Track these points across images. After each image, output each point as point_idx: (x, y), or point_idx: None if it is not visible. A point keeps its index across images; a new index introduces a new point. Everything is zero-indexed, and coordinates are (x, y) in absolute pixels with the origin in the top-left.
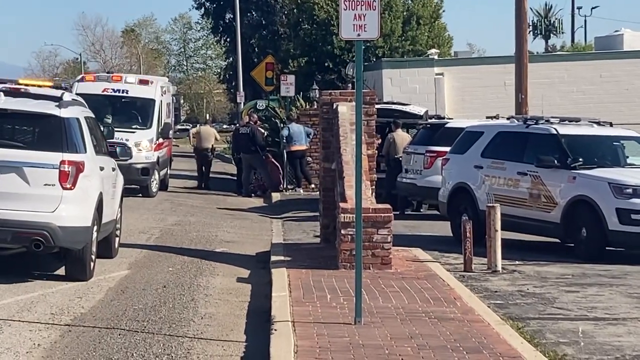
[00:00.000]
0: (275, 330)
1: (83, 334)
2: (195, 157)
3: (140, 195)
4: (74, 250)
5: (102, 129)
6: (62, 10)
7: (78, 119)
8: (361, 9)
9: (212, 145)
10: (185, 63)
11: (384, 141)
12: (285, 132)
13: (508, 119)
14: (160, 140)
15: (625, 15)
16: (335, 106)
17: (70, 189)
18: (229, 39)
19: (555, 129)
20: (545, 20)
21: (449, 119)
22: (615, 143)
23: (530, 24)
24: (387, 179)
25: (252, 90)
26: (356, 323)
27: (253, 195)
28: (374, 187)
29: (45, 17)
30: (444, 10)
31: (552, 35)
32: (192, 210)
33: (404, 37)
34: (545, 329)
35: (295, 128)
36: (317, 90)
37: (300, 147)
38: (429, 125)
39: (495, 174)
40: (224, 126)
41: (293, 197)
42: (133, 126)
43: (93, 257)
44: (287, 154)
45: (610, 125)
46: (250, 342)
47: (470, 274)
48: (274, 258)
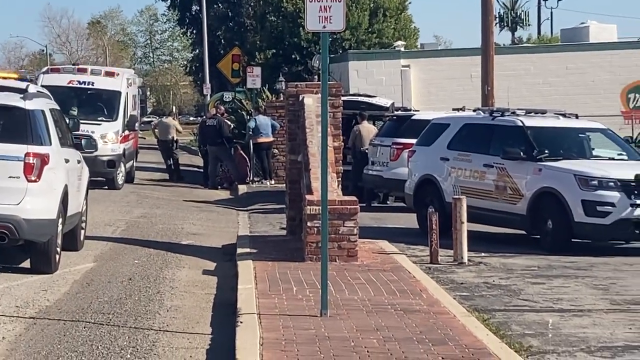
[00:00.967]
0: (241, 322)
1: (48, 327)
2: (160, 149)
3: (106, 187)
4: (39, 242)
5: (67, 121)
6: (28, 2)
7: (43, 111)
8: (327, 1)
9: (174, 136)
10: (151, 55)
11: (350, 133)
12: (251, 124)
13: (474, 111)
14: (127, 132)
15: (592, 7)
16: (301, 98)
17: (35, 181)
18: (195, 31)
19: (521, 121)
20: (512, 12)
21: (415, 111)
22: (581, 135)
23: (497, 16)
24: (354, 171)
25: (218, 83)
26: (322, 315)
27: (219, 187)
28: (340, 179)
29: (10, 8)
30: (410, 2)
31: (518, 27)
32: (158, 202)
33: (370, 29)
34: (511, 320)
35: (262, 120)
36: (283, 82)
37: (266, 139)
38: (395, 117)
39: (461, 166)
40: (191, 118)
41: (260, 189)
42: (99, 118)
43: (58, 249)
44: (253, 145)
45: (576, 117)
46: (216, 335)
47: (436, 265)
48: (240, 250)
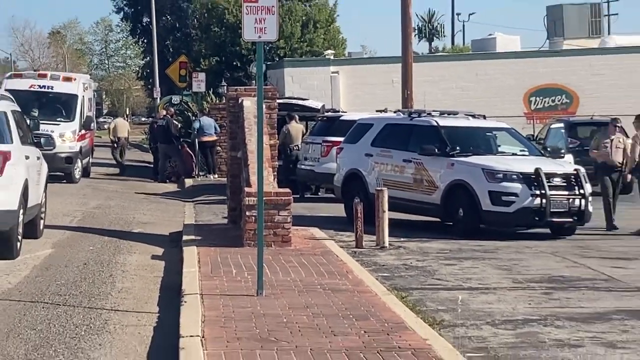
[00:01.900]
0: (185, 302)
1: (9, 307)
2: (113, 147)
3: (64, 181)
4: (2, 231)
5: (28, 121)
6: None
7: (5, 113)
8: (261, 14)
9: (126, 135)
10: (106, 62)
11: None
12: (196, 124)
13: (395, 112)
14: (83, 131)
15: (499, 21)
16: (240, 101)
17: None
18: (146, 40)
19: (435, 121)
20: (429, 24)
21: (343, 112)
22: (488, 134)
23: (416, 28)
24: (284, 166)
25: (167, 87)
26: (258, 295)
27: (168, 181)
28: (275, 173)
29: None
30: (338, 15)
31: (434, 38)
32: (112, 195)
33: (302, 39)
34: (426, 298)
35: (206, 121)
36: (225, 87)
37: (210, 138)
38: (325, 118)
39: (383, 161)
40: (142, 119)
41: (204, 182)
42: (57, 119)
43: (19, 237)
44: (198, 144)
45: (484, 117)
46: (162, 314)
47: (361, 250)
48: (185, 237)
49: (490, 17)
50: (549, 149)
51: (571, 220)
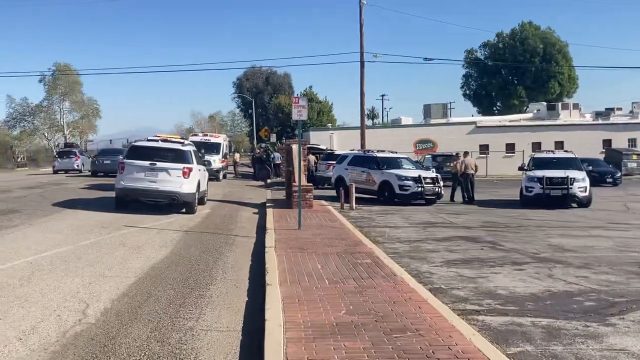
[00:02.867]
0: (267, 232)
1: (192, 235)
2: (234, 165)
3: (215, 180)
4: (188, 201)
5: (200, 154)
6: (186, 105)
7: (190, 151)
8: (300, 108)
9: (238, 159)
10: (233, 129)
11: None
12: (272, 156)
13: (358, 150)
14: (223, 159)
15: (403, 110)
16: (290, 146)
17: (186, 178)
18: (250, 120)
19: (375, 154)
20: (372, 111)
21: (335, 150)
22: (398, 160)
23: (368, 113)
24: (307, 174)
25: (259, 139)
26: (298, 229)
27: (260, 180)
28: (306, 177)
29: (180, 109)
30: (333, 108)
31: (375, 118)
32: (235, 187)
33: (317, 119)
34: (371, 231)
35: (276, 154)
36: (284, 140)
37: (278, 162)
38: (327, 153)
39: (353, 171)
40: (248, 153)
41: (275, 181)
42: (212, 154)
43: (196, 204)
44: (273, 164)
45: (396, 152)
46: (257, 237)
47: (343, 211)
48: (267, 204)
49: (399, 109)
50: (424, 166)
51: (434, 197)
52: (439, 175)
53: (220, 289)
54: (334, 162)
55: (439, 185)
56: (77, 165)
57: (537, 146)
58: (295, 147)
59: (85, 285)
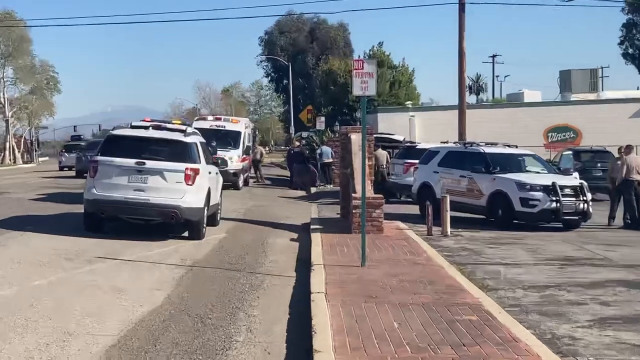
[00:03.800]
0: (313, 269)
1: (199, 272)
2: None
3: (232, 188)
4: (193, 221)
5: (210, 149)
6: (186, 79)
7: (196, 143)
8: (365, 77)
9: (260, 157)
10: (258, 110)
11: None
12: (319, 151)
13: (454, 143)
14: (244, 156)
15: (527, 80)
16: (349, 135)
17: (191, 185)
18: (284, 95)
19: (482, 149)
20: (477, 83)
21: (418, 143)
22: (519, 158)
23: (468, 85)
24: (375, 179)
25: (298, 126)
26: (362, 266)
27: (299, 188)
28: (372, 184)
29: (177, 82)
30: (415, 77)
31: (480, 92)
32: (263, 198)
33: (390, 93)
34: (477, 270)
35: (325, 149)
36: (338, 126)
37: (327, 160)
38: (405, 147)
39: (446, 176)
40: (282, 147)
41: (323, 190)
42: (228, 147)
43: (204, 225)
44: (320, 164)
45: (516, 147)
46: (298, 277)
47: (430, 237)
48: (312, 227)
49: (519, 78)
50: (561, 169)
51: (577, 217)
52: (584, 184)
53: (244, 356)
54: (416, 162)
55: (584, 198)
56: None
57: None
58: (355, 137)
59: (40, 349)
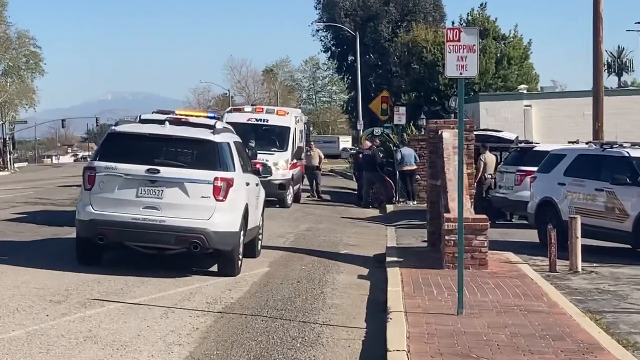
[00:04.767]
0: (391, 318)
1: (233, 320)
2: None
3: (277, 206)
4: (225, 250)
5: (247, 151)
6: (213, 54)
7: (229, 143)
8: (463, 52)
9: (319, 164)
10: (314, 97)
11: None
12: (398, 155)
13: (586, 143)
14: (294, 161)
15: None
16: (440, 132)
17: (222, 200)
18: (350, 77)
19: (627, 152)
20: (618, 60)
21: (536, 143)
22: None
23: (605, 63)
24: (476, 193)
25: (369, 119)
26: (458, 314)
27: (371, 206)
28: (472, 200)
29: (199, 60)
30: (531, 52)
31: (624, 72)
32: (320, 218)
33: (497, 75)
34: (619, 320)
35: (406, 151)
36: (424, 120)
37: (410, 167)
38: (519, 149)
39: (575, 190)
40: (350, 149)
41: (404, 208)
42: (272, 149)
43: (240, 256)
44: (399, 172)
45: None
46: (369, 328)
47: (554, 274)
48: (388, 259)
49: None
50: None
51: None
52: None
53: None
54: (534, 169)
55: None
56: None
57: None
58: (449, 135)
59: None
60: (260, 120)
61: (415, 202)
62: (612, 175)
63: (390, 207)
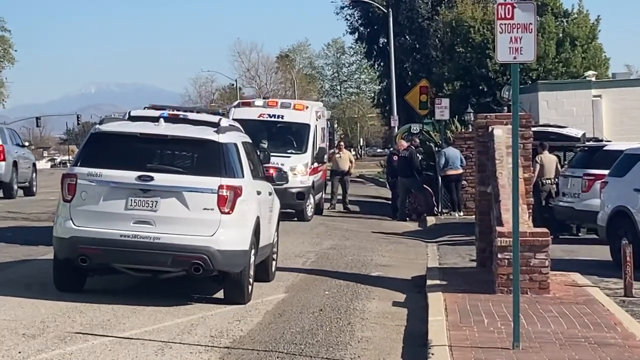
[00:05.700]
0: (432, 354)
1: (242, 357)
2: (331, 179)
3: (295, 219)
4: (233, 273)
5: (258, 153)
6: (218, 38)
7: (236, 145)
8: (517, 32)
9: (349, 168)
10: (338, 87)
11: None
12: (441, 158)
13: None
14: (315, 164)
15: None
16: (490, 129)
17: (228, 213)
18: (382, 63)
19: None
20: None
21: (607, 141)
22: None
23: None
24: (535, 202)
25: (405, 114)
26: (514, 348)
27: (408, 219)
28: (530, 211)
29: (201, 44)
30: (600, 31)
31: None
32: (347, 234)
33: (558, 59)
34: None
35: (451, 152)
36: (472, 114)
37: (455, 172)
38: (586, 148)
39: None
40: (378, 150)
41: (448, 221)
42: (288, 151)
43: (251, 280)
44: (442, 178)
45: None
46: None
47: (630, 299)
48: (429, 282)
49: None
50: None
51: None
52: None
53: None
54: (605, 173)
55: None
56: None
57: None
58: (502, 133)
59: None
60: (274, 116)
61: (461, 214)
62: None
63: (431, 220)
